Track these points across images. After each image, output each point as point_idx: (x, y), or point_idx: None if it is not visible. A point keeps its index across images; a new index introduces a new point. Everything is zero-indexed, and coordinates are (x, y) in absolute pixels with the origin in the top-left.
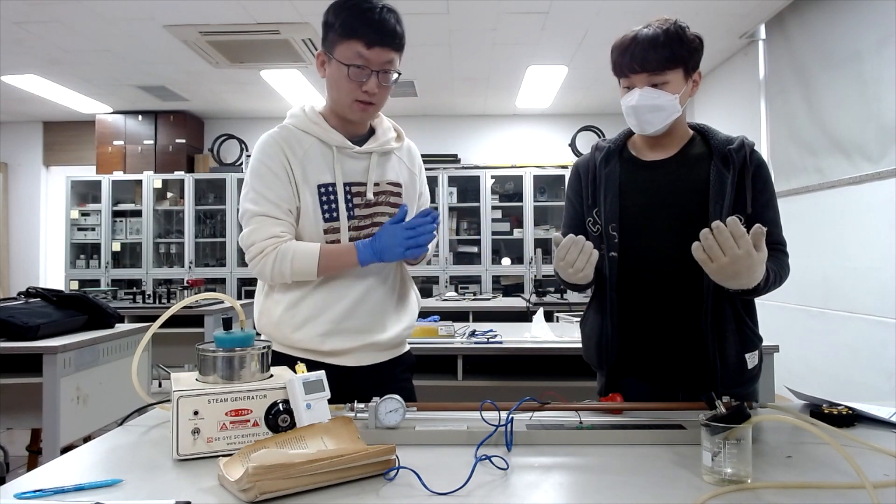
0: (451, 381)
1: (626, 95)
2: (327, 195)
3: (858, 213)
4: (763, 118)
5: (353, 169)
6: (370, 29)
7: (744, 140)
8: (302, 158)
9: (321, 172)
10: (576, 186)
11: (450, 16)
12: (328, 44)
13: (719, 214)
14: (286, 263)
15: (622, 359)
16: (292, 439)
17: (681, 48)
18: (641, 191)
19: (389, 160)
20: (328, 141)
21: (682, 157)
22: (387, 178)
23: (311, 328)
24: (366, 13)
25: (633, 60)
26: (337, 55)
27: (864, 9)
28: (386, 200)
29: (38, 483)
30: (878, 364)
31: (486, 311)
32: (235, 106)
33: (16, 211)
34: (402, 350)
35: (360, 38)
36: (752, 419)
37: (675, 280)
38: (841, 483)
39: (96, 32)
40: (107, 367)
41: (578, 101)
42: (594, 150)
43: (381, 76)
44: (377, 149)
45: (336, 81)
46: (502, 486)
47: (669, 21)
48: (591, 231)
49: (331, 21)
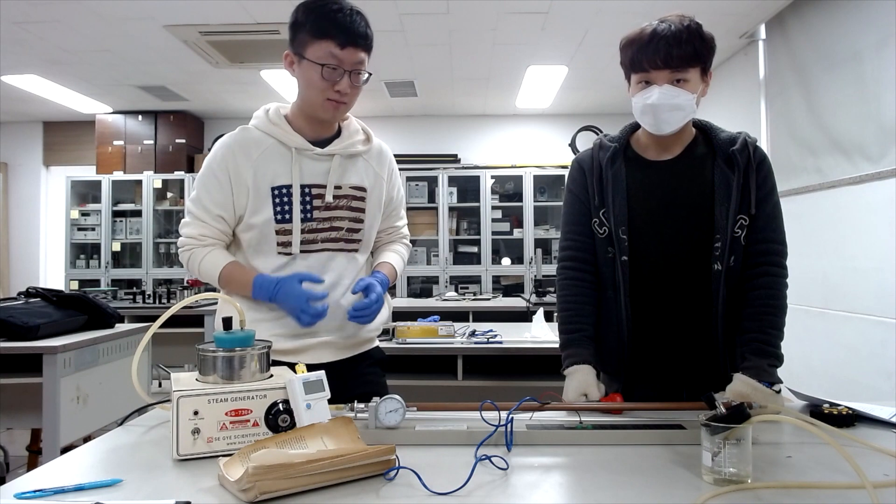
0: (451, 381)
1: (643, 92)
2: (281, 197)
3: (858, 213)
4: (763, 118)
5: (313, 171)
6: (342, 30)
7: (746, 139)
8: (257, 160)
9: (277, 174)
10: (581, 182)
11: (450, 16)
12: (298, 44)
13: (725, 216)
14: (195, 266)
15: (635, 363)
16: (292, 439)
17: (702, 46)
18: (648, 193)
19: (354, 163)
20: (287, 142)
21: (686, 157)
22: (349, 182)
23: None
24: (336, 14)
25: (655, 55)
26: (309, 55)
27: (864, 9)
28: (347, 205)
29: (38, 483)
30: (878, 364)
31: (486, 311)
32: (235, 106)
33: (16, 211)
34: (366, 347)
35: (333, 39)
36: (752, 419)
37: (684, 283)
38: (841, 483)
39: (96, 32)
40: (107, 367)
41: (578, 101)
42: (597, 148)
43: (353, 76)
44: (340, 151)
45: (308, 81)
46: (502, 486)
47: (687, 17)
48: (598, 232)
49: (300, 21)
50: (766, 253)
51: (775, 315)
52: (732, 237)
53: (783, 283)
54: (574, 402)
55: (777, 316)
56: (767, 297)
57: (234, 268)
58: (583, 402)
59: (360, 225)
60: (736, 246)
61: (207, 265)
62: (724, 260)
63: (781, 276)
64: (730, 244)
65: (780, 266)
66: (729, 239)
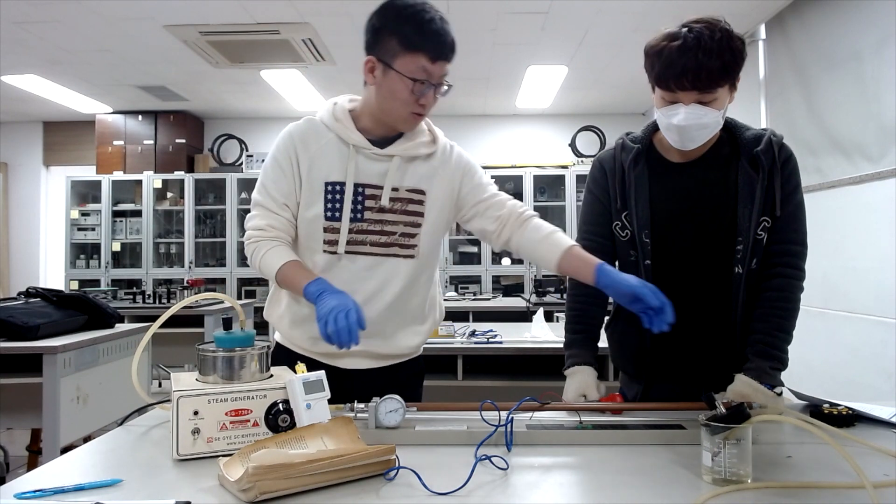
0: (451, 381)
1: (668, 110)
2: (333, 194)
3: (858, 213)
4: (763, 118)
5: (369, 170)
6: (436, 43)
7: (771, 138)
8: (314, 154)
9: (332, 170)
10: (602, 184)
11: (450, 16)
12: (383, 51)
13: (748, 218)
14: (256, 261)
15: (656, 366)
16: (292, 439)
17: (732, 60)
18: (672, 195)
19: (416, 165)
20: (346, 139)
21: (710, 159)
22: (407, 184)
23: (306, 328)
24: (429, 25)
25: (683, 77)
26: (399, 67)
27: (864, 9)
28: (403, 208)
29: (38, 483)
30: (878, 364)
31: (486, 311)
32: (235, 106)
33: (16, 211)
34: (405, 358)
35: (426, 52)
36: (752, 419)
37: (704, 285)
38: (841, 483)
39: (96, 32)
40: (107, 367)
41: (578, 101)
42: (620, 149)
43: (437, 88)
44: (400, 153)
45: (393, 93)
46: (502, 486)
47: (716, 24)
48: (619, 235)
49: (389, 27)
50: (783, 254)
51: (784, 318)
52: (755, 239)
53: (797, 286)
54: (574, 402)
55: (786, 319)
56: (779, 298)
57: (290, 269)
58: (582, 402)
59: (416, 230)
60: (758, 248)
61: (266, 263)
62: (745, 263)
63: (796, 279)
64: (752, 246)
65: (796, 268)
66: (751, 241)
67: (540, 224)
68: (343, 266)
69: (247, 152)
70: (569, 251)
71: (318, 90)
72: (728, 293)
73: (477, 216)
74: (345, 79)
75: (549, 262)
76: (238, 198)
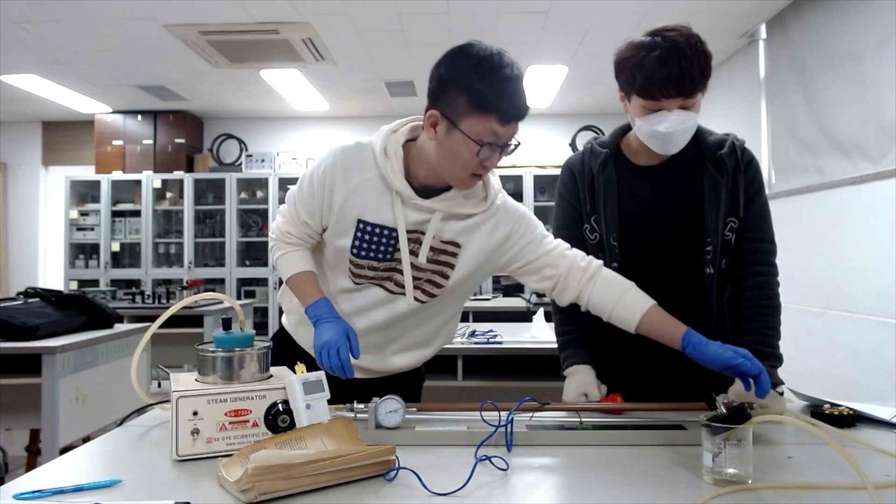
0: (451, 381)
1: (652, 118)
2: (364, 232)
3: (858, 213)
4: (763, 118)
5: (408, 217)
6: (510, 105)
7: (734, 142)
8: (353, 187)
9: (368, 210)
10: (571, 188)
11: (450, 16)
12: (449, 107)
13: (716, 220)
14: (273, 259)
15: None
16: (292, 440)
17: (707, 64)
18: (640, 199)
19: (459, 219)
20: (390, 183)
21: (676, 162)
22: (444, 236)
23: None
24: (505, 84)
25: (668, 84)
26: (465, 128)
27: (864, 9)
28: (434, 258)
29: (37, 483)
30: (879, 364)
31: (486, 311)
32: (235, 106)
33: (15, 211)
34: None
35: (497, 114)
36: (752, 420)
37: (676, 287)
38: (842, 483)
39: (96, 32)
40: (106, 367)
41: (578, 101)
42: (588, 153)
43: (504, 149)
44: (443, 208)
45: (456, 153)
46: (502, 487)
47: (686, 30)
48: (589, 238)
49: (458, 82)
50: (754, 252)
51: (770, 315)
52: (723, 240)
53: (774, 282)
54: (574, 402)
55: (772, 316)
56: (760, 297)
57: (299, 282)
58: (583, 402)
59: (444, 280)
60: (727, 249)
61: (282, 266)
62: (715, 263)
63: (772, 275)
64: (721, 247)
65: (769, 265)
66: (720, 242)
67: (610, 280)
68: (363, 294)
69: (246, 152)
70: (648, 315)
71: (317, 90)
72: (700, 294)
73: (528, 274)
74: (345, 79)
75: (628, 327)
76: (237, 198)
